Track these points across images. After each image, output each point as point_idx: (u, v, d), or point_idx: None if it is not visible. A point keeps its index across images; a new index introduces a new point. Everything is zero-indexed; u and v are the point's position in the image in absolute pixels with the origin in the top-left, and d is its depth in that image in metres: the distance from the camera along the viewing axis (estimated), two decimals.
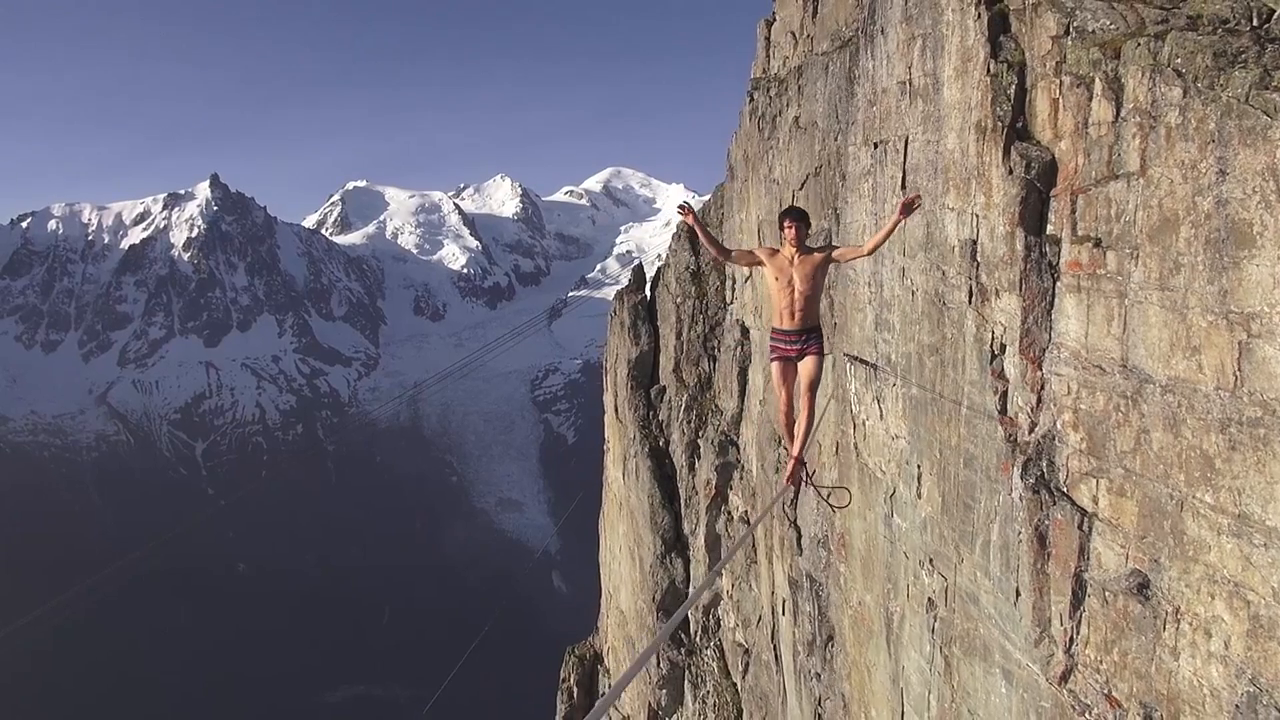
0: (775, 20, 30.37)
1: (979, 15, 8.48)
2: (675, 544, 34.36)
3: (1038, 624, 7.68)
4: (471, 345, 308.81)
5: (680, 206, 7.37)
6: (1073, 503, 7.38)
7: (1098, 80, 7.23)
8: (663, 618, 33.64)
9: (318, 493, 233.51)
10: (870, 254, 7.50)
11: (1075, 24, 7.67)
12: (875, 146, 10.50)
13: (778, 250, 7.08)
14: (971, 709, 8.66)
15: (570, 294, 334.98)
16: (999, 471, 8.11)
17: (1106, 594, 7.02)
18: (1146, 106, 6.71)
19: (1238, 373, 5.93)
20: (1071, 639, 7.34)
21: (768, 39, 31.60)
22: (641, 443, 36.24)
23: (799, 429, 7.18)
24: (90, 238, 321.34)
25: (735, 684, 31.14)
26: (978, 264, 8.43)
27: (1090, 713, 7.15)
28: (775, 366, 7.20)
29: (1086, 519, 7.24)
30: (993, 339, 8.27)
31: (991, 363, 8.28)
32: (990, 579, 8.25)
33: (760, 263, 7.24)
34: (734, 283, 34.11)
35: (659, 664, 33.57)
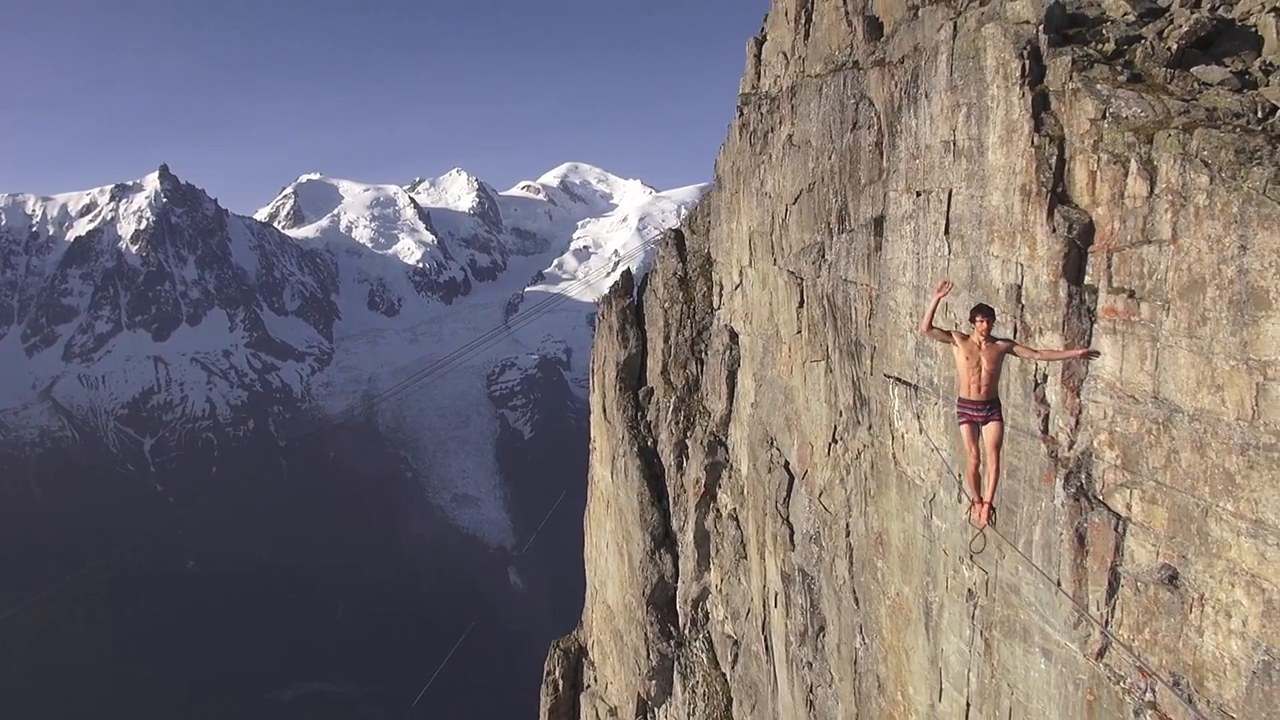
0: (766, 40, 31.91)
1: (1024, 94, 10.00)
2: (664, 540, 35.81)
3: (1077, 610, 9.23)
4: (427, 340, 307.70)
5: (941, 285, 8.87)
6: (1109, 509, 8.93)
7: (1133, 160, 8.77)
8: (652, 611, 35.09)
9: (269, 489, 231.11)
10: (1050, 358, 8.91)
11: (1111, 110, 9.21)
12: (918, 195, 11.99)
13: (968, 336, 8.46)
14: (1012, 683, 10.21)
15: (527, 289, 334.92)
16: (1042, 481, 9.64)
17: (1139, 584, 8.58)
18: (1178, 188, 8.26)
19: (1255, 407, 7.49)
20: (1107, 621, 8.90)
21: (758, 57, 33.12)
22: (630, 443, 37.60)
23: (988, 479, 8.56)
24: (34, 229, 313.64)
25: (724, 674, 32.69)
26: (1022, 305, 9.95)
27: (1124, 682, 8.71)
28: (965, 429, 8.60)
29: (1121, 522, 8.80)
30: (1036, 369, 9.81)
31: (1035, 390, 9.82)
32: (1032, 572, 9.79)
33: (954, 343, 8.59)
34: (721, 289, 35.63)
35: (649, 656, 35.01)
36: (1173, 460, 8.29)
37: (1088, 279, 9.35)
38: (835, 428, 23.60)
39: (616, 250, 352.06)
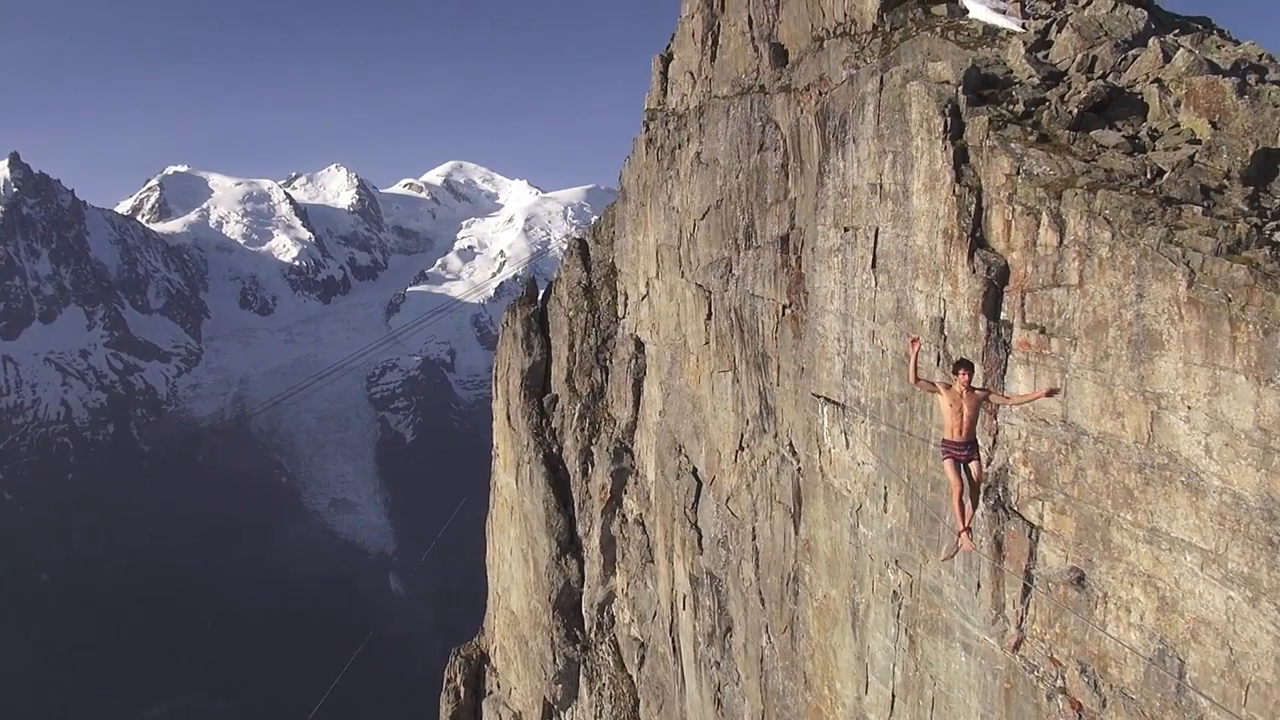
0: (673, 58, 32.98)
1: (946, 148, 11.19)
2: (570, 546, 36.49)
3: (995, 608, 10.45)
4: (304, 340, 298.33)
5: (913, 341, 9.85)
6: (1023, 519, 10.18)
7: (1044, 213, 10.03)
8: (558, 616, 35.68)
9: (131, 496, 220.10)
10: (1018, 402, 9.92)
11: (1023, 167, 10.47)
12: (846, 230, 13.10)
13: (950, 385, 9.46)
14: (934, 675, 11.39)
15: (409, 289, 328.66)
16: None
17: (1050, 585, 9.83)
18: (1084, 240, 9.53)
19: (1150, 432, 8.79)
20: (1022, 618, 10.13)
21: (664, 74, 34.19)
22: (535, 449, 38.12)
23: (969, 507, 9.60)
24: None
25: (631, 676, 33.58)
26: (945, 337, 11.14)
27: (1037, 670, 9.96)
28: (949, 464, 9.60)
29: (1034, 531, 10.05)
30: None
31: None
32: (954, 575, 10.98)
33: (939, 393, 9.58)
34: (626, 299, 36.54)
35: (555, 660, 35.59)
36: (1079, 476, 9.55)
37: (1004, 315, 10.59)
38: (742, 435, 24.80)
39: (502, 251, 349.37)
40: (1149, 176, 10.01)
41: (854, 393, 12.95)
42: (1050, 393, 9.20)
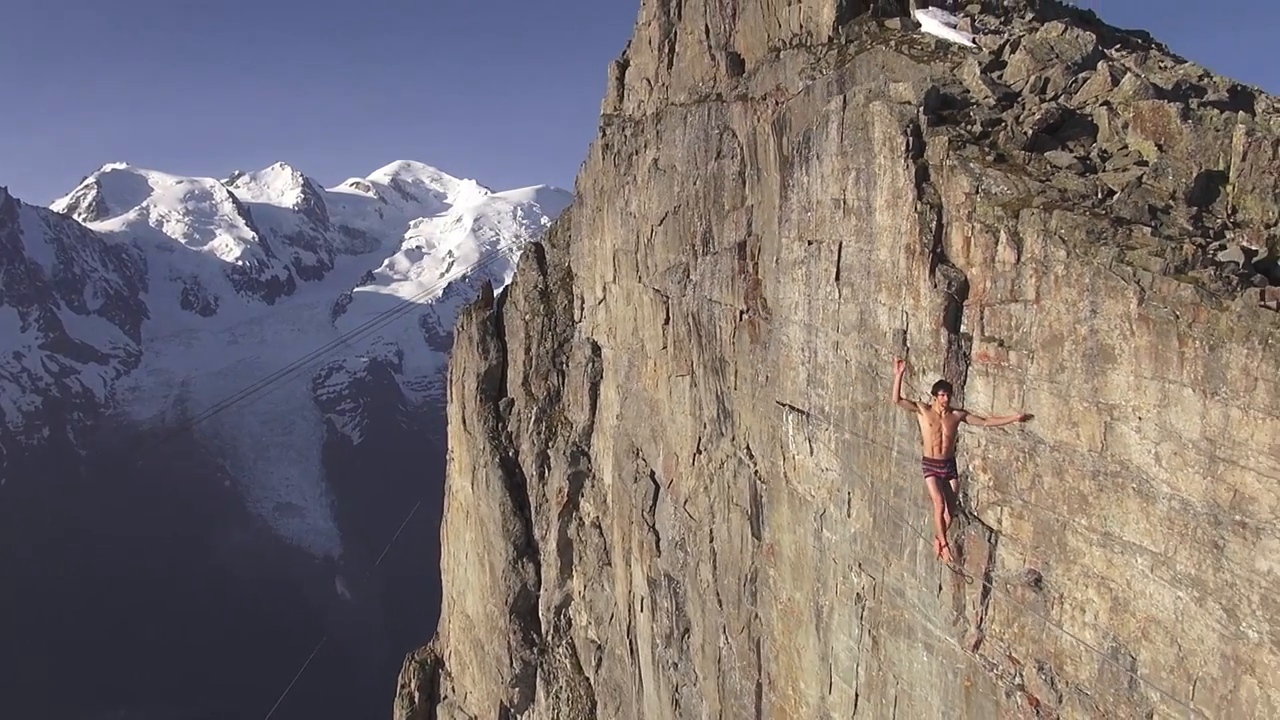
0: (630, 64, 33.27)
1: (908, 166, 11.61)
2: (526, 549, 36.59)
3: (955, 609, 10.89)
4: (248, 342, 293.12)
5: (899, 363, 10.14)
6: (983, 523, 10.62)
7: (1003, 231, 10.49)
8: (515, 620, 35.76)
9: (68, 501, 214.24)
10: (994, 423, 10.26)
11: (982, 187, 10.93)
12: (810, 243, 13.48)
13: (930, 406, 9.82)
14: (897, 674, 11.81)
15: (356, 289, 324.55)
16: (925, 500, 11.25)
17: (1009, 586, 10.29)
18: (1040, 258, 10.00)
19: (1104, 441, 9.26)
20: (982, 619, 10.58)
21: (620, 80, 34.47)
22: (491, 453, 38.15)
23: (949, 521, 9.98)
24: None
25: (588, 679, 33.79)
26: (908, 348, 11.56)
27: (997, 669, 10.40)
28: (930, 481, 10.03)
29: (993, 535, 10.49)
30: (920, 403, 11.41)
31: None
32: (916, 578, 11.40)
33: (919, 413, 10.00)
34: (583, 303, 36.73)
35: (512, 664, 35.64)
36: (1037, 483, 10.02)
37: (964, 328, 11.03)
38: (700, 439, 25.17)
39: (451, 251, 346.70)
40: (1100, 196, 10.53)
41: (818, 401, 13.34)
42: (1024, 418, 9.63)
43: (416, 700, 41.41)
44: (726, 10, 24.84)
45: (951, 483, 9.73)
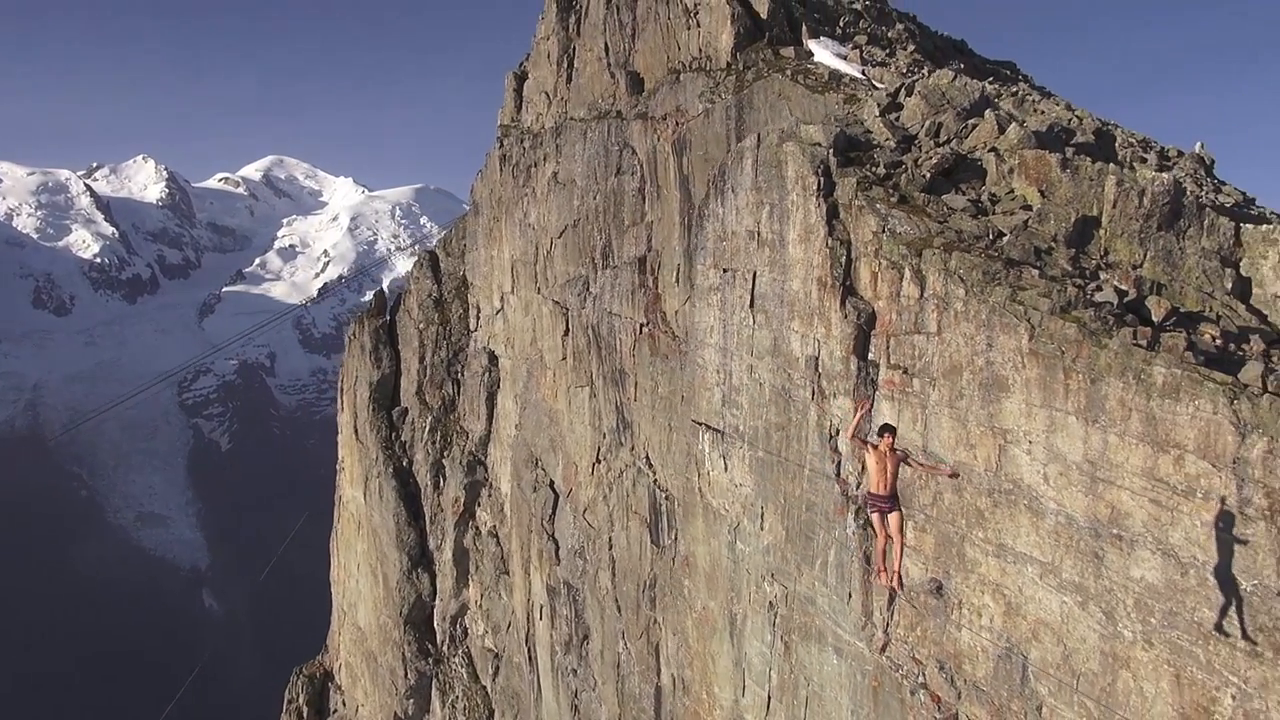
0: (527, 77, 33.61)
1: (819, 204, 12.49)
2: (421, 559, 36.42)
3: (864, 615, 11.80)
4: (106, 343, 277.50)
5: (861, 403, 10.93)
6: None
7: (907, 269, 11.45)
8: (410, 631, 35.52)
9: None
10: (929, 470, 10.93)
11: (888, 226, 11.88)
12: (725, 271, 14.24)
13: (877, 446, 10.41)
14: (808, 677, 12.66)
15: (225, 289, 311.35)
16: (835, 514, 12.15)
17: (912, 594, 11.24)
18: (941, 294, 10.99)
19: (998, 462, 10.30)
20: (888, 624, 11.51)
21: (518, 91, 34.77)
22: (385, 463, 37.80)
23: (895, 553, 10.60)
24: None
25: (485, 687, 33.91)
26: (819, 373, 12.43)
27: (902, 669, 11.35)
28: (875, 516, 10.60)
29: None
30: (830, 425, 12.31)
31: (830, 441, 12.32)
32: (827, 586, 12.27)
33: (868, 451, 10.55)
34: (479, 312, 36.83)
35: (407, 675, 35.40)
36: (938, 499, 11.00)
37: (872, 355, 11.96)
38: (599, 449, 25.77)
39: (326, 250, 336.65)
40: (992, 238, 11.61)
41: (733, 420, 14.10)
42: (953, 475, 10.49)
43: (305, 715, 40.58)
44: (626, 30, 25.47)
45: (892, 518, 10.51)
